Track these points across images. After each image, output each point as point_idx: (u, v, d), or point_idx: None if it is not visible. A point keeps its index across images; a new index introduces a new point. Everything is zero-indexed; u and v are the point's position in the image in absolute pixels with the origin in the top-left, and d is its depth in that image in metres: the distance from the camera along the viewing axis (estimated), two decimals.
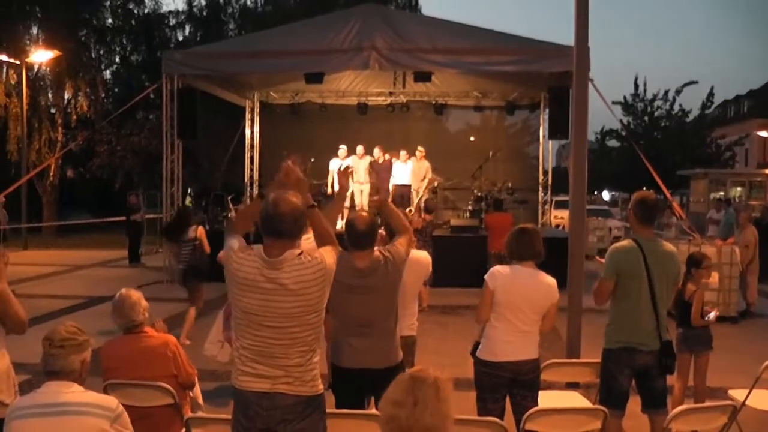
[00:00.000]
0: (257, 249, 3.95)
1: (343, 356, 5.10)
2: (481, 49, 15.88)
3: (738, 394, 6.44)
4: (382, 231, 5.76)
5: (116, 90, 36.74)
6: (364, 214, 5.24)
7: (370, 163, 19.25)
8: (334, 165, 18.53)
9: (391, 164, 19.22)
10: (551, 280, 5.36)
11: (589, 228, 22.18)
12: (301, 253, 3.93)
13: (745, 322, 13.47)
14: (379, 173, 19.17)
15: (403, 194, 18.64)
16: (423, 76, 16.95)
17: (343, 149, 19.15)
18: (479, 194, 19.23)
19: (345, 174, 5.48)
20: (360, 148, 19.28)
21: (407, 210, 16.88)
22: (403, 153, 19.40)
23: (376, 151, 19.36)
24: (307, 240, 4.83)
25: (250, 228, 4.41)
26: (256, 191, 22.71)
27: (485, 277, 5.36)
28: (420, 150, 19.25)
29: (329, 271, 3.97)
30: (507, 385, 5.26)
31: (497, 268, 5.39)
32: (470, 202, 19.50)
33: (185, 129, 17.41)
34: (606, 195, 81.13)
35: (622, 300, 5.61)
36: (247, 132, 23.74)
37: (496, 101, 22.84)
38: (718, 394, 7.48)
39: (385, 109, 22.95)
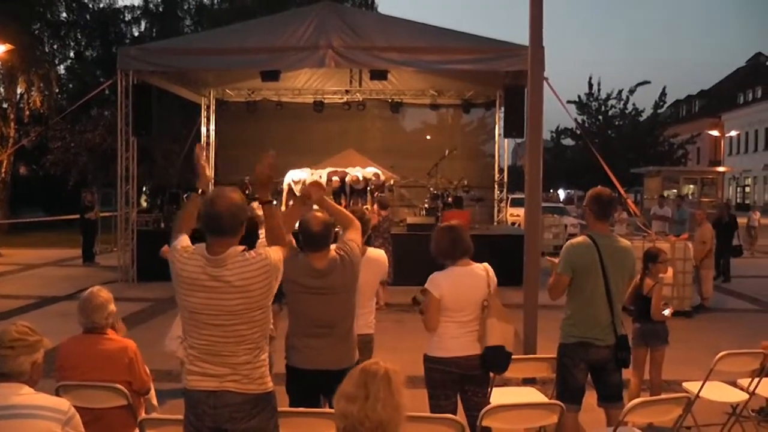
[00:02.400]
0: (200, 247, 3.91)
1: (300, 357, 5.05)
2: (437, 47, 15.96)
3: (692, 387, 6.53)
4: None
5: (71, 86, 36.18)
6: (318, 214, 5.17)
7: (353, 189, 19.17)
8: (289, 177, 18.61)
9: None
10: (485, 269, 5.37)
11: (545, 225, 22.33)
12: (244, 250, 3.89)
13: (699, 316, 13.68)
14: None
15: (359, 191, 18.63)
16: (379, 74, 17.01)
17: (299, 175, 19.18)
18: (435, 192, 19.25)
19: (317, 185, 5.45)
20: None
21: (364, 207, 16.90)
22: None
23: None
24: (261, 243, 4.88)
25: (194, 226, 4.30)
26: (212, 187, 22.55)
27: (427, 286, 5.28)
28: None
29: (274, 268, 3.91)
30: (458, 382, 5.26)
31: (438, 275, 5.31)
32: (426, 200, 19.53)
33: (140, 125, 17.19)
34: (562, 193, 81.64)
35: (577, 295, 5.64)
36: (203, 129, 23.53)
37: (452, 99, 22.93)
38: (673, 387, 7.58)
39: (341, 107, 22.86)
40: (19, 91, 32.31)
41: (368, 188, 18.52)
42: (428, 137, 23.70)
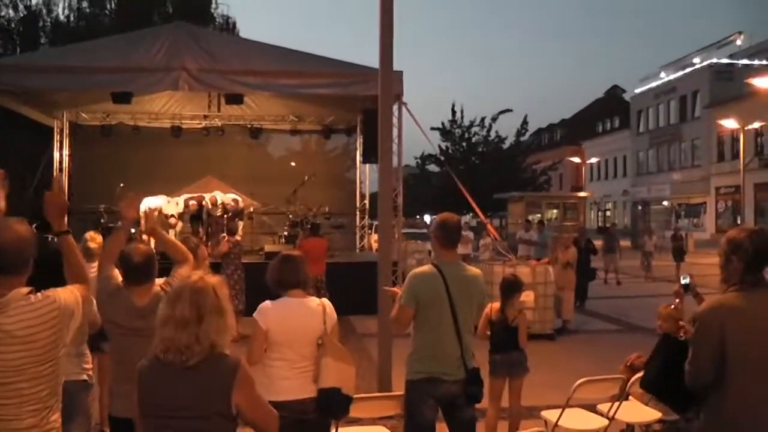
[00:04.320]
0: None
1: (120, 404, 4.63)
2: (294, 71, 15.54)
3: (551, 415, 6.37)
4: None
5: None
6: (141, 244, 4.79)
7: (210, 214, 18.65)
8: (145, 205, 17.96)
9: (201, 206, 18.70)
10: (321, 305, 5.00)
11: (408, 251, 22.15)
12: (31, 292, 3.32)
13: (562, 339, 13.80)
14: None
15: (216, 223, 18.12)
16: (235, 98, 16.58)
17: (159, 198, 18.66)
18: (295, 219, 18.96)
19: (130, 202, 4.95)
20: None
21: (222, 237, 16.43)
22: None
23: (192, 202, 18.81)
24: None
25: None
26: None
27: (255, 315, 4.89)
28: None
29: (65, 312, 3.37)
30: (293, 428, 4.67)
31: (266, 305, 4.92)
32: (286, 228, 19.18)
33: None
34: (428, 218, 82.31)
35: (423, 328, 5.30)
36: (56, 155, 22.40)
37: (312, 125, 22.72)
38: (534, 413, 7.35)
39: (200, 132, 22.39)
40: None
41: (226, 215, 17.98)
42: (290, 163, 23.35)
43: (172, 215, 18.42)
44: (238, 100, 16.78)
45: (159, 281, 4.76)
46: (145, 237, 5.72)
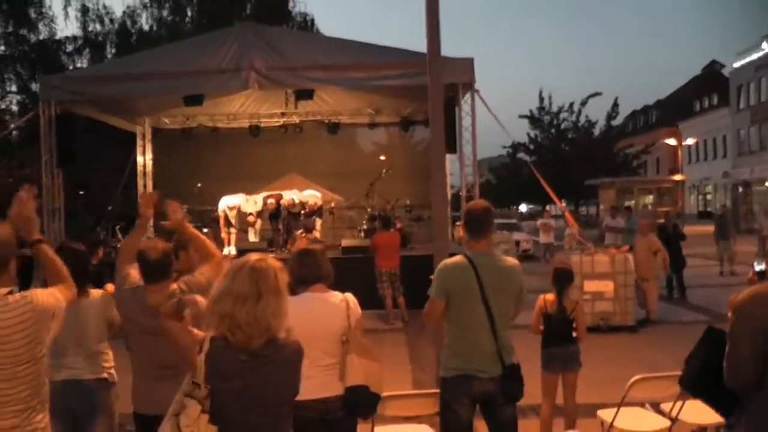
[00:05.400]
0: None
1: (143, 402, 4.63)
2: (362, 64, 15.49)
3: (607, 415, 6.05)
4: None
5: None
6: (158, 242, 4.78)
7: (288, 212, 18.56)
8: (224, 204, 18.07)
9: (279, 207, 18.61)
10: (344, 300, 4.77)
11: (494, 242, 21.85)
12: (10, 292, 3.35)
13: (644, 331, 13.19)
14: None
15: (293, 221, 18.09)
16: (305, 94, 16.60)
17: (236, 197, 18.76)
18: (373, 213, 18.85)
19: (148, 199, 4.97)
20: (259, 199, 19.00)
21: (298, 233, 16.44)
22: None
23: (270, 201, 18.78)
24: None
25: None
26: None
27: None
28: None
29: (42, 313, 3.39)
30: (316, 427, 4.54)
31: None
32: (365, 222, 19.08)
33: (63, 158, 16.56)
34: (523, 208, 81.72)
35: (454, 322, 5.05)
36: (139, 159, 22.90)
37: (390, 117, 22.50)
38: (593, 412, 7.00)
39: (278, 130, 22.39)
40: None
41: (302, 212, 17.93)
42: (377, 157, 23.23)
43: (251, 213, 18.49)
44: (308, 95, 16.77)
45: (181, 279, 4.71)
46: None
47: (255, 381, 3.11)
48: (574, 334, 6.91)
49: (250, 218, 18.48)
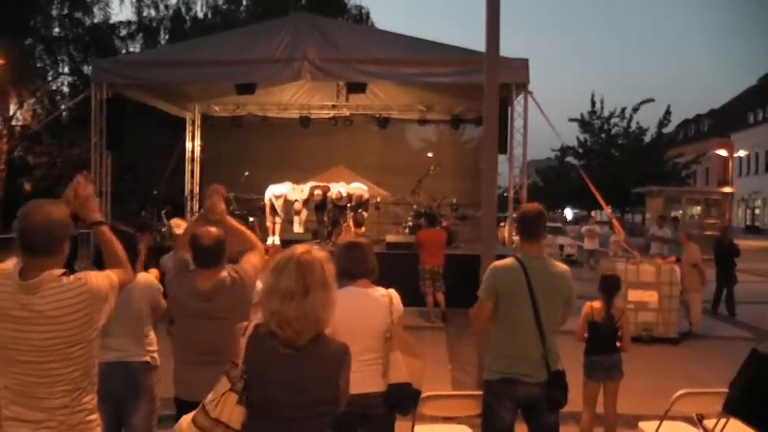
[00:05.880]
0: (13, 270, 3.36)
1: (184, 387, 4.67)
2: (415, 59, 15.42)
3: (649, 427, 5.96)
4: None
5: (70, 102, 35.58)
6: (212, 228, 4.77)
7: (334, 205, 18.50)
8: (270, 192, 18.10)
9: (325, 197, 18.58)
10: (387, 295, 4.76)
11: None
12: (64, 273, 3.36)
13: (686, 344, 12.97)
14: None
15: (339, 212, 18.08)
16: (357, 87, 16.50)
17: (283, 186, 18.69)
18: (419, 210, 18.80)
19: (216, 193, 5.01)
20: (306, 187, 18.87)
21: (344, 225, 16.49)
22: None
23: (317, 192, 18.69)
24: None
25: None
26: (196, 204, 22.17)
27: None
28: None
29: (95, 295, 3.41)
30: (356, 422, 4.55)
31: None
32: (410, 218, 19.04)
33: (113, 141, 16.76)
34: (569, 213, 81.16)
35: (502, 324, 5.02)
36: (188, 145, 23.16)
37: (441, 115, 22.49)
38: (634, 423, 6.92)
39: (327, 122, 22.50)
40: (12, 107, 32.04)
41: (348, 205, 17.92)
42: (425, 154, 23.24)
43: (297, 201, 18.45)
44: (360, 89, 16.69)
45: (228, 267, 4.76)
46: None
47: (294, 375, 3.10)
48: (619, 344, 6.86)
49: (296, 205, 18.46)
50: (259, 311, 3.23)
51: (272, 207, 18.26)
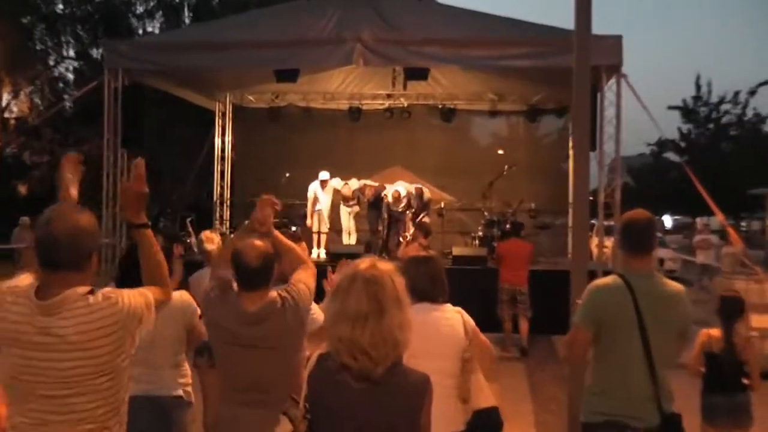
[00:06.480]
0: (28, 288, 3.34)
1: (223, 429, 4.66)
2: (487, 40, 15.38)
3: None
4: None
5: (74, 90, 35.43)
6: (258, 243, 4.72)
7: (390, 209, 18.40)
8: (312, 190, 18.15)
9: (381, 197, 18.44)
10: (457, 311, 4.84)
11: None
12: (90, 291, 3.33)
13: None
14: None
15: (399, 220, 17.99)
16: (417, 74, 16.48)
17: (324, 173, 18.67)
18: (491, 217, 18.74)
19: (267, 204, 5.00)
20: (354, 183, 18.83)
21: (404, 235, 16.40)
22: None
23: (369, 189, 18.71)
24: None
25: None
26: (227, 211, 22.27)
27: None
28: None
29: (129, 317, 3.38)
30: None
31: None
32: (480, 227, 19.01)
33: (130, 136, 16.81)
34: (668, 220, 79.59)
35: (604, 356, 4.96)
36: (217, 141, 23.22)
37: (516, 105, 22.40)
38: None
39: (382, 114, 22.48)
40: (5, 95, 32.22)
41: (407, 210, 17.82)
42: (495, 151, 23.13)
43: (346, 185, 18.33)
44: (422, 75, 16.65)
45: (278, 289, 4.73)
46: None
47: (371, 413, 3.10)
48: (745, 381, 6.69)
49: (345, 190, 18.31)
50: (315, 341, 3.24)
51: (315, 201, 18.21)
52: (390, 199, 17.71)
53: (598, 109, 15.74)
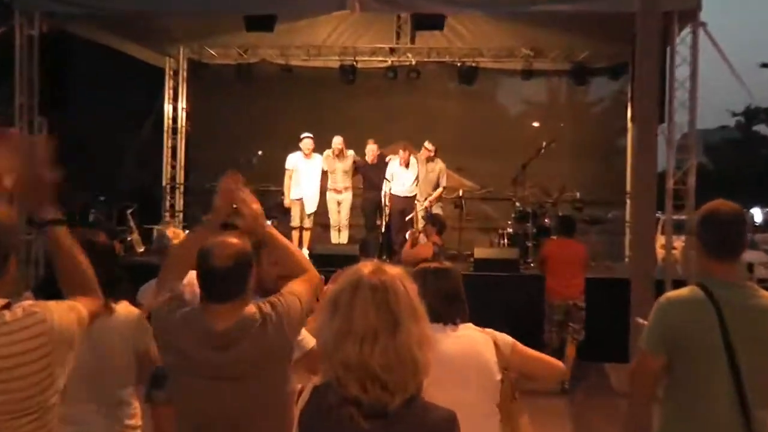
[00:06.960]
0: None
1: None
2: None
3: None
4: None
5: None
6: (232, 240, 4.53)
7: (354, 162, 18.64)
8: (291, 163, 17.99)
9: (385, 164, 18.54)
10: (489, 332, 4.87)
11: None
12: (7, 305, 3.26)
13: None
14: (370, 178, 18.50)
15: (405, 210, 18.02)
16: (429, 22, 16.40)
17: (307, 141, 18.46)
18: (524, 209, 18.59)
19: (229, 189, 4.89)
20: (337, 141, 18.59)
21: (411, 231, 16.35)
22: (401, 150, 18.72)
23: (370, 148, 18.72)
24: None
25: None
26: (179, 200, 22.26)
27: None
28: (428, 147, 18.58)
29: (60, 339, 3.32)
30: None
31: None
32: (510, 222, 18.96)
33: (50, 99, 16.46)
34: (758, 214, 78.24)
35: (679, 389, 4.90)
36: (167, 108, 23.06)
37: (556, 63, 22.26)
38: None
39: (383, 75, 22.33)
40: None
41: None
42: (517, 122, 23.24)
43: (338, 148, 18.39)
44: (435, 24, 16.50)
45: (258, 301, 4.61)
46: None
47: None
48: None
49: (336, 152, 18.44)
50: (300, 371, 3.21)
51: (295, 183, 18.17)
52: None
53: (668, 69, 15.60)
